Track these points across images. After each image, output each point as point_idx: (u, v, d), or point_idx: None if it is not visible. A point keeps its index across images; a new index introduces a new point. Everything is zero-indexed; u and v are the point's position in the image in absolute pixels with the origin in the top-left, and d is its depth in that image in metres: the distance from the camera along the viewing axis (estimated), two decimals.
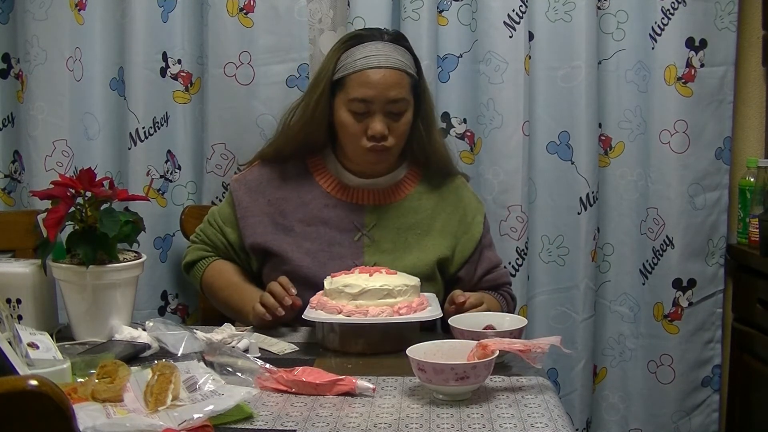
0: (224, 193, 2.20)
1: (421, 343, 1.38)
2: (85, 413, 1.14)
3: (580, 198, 2.25)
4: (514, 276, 2.21)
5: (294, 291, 1.68)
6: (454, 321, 1.55)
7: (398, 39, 1.85)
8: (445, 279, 1.89)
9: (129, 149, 2.21)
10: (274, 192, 1.87)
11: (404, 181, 1.90)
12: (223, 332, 1.60)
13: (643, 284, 2.32)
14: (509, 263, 2.22)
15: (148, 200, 2.13)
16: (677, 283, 2.28)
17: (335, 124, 1.82)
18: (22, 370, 1.23)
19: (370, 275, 1.60)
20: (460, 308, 1.67)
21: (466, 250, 1.87)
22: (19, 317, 1.63)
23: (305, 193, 1.86)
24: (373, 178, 1.87)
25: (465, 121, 2.27)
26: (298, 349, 1.59)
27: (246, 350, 1.53)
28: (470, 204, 1.92)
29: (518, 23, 2.18)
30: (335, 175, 1.88)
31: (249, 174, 1.92)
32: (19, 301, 1.64)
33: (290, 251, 1.81)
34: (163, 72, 2.23)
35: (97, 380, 1.23)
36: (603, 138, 2.30)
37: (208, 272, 1.91)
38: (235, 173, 2.07)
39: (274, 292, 1.68)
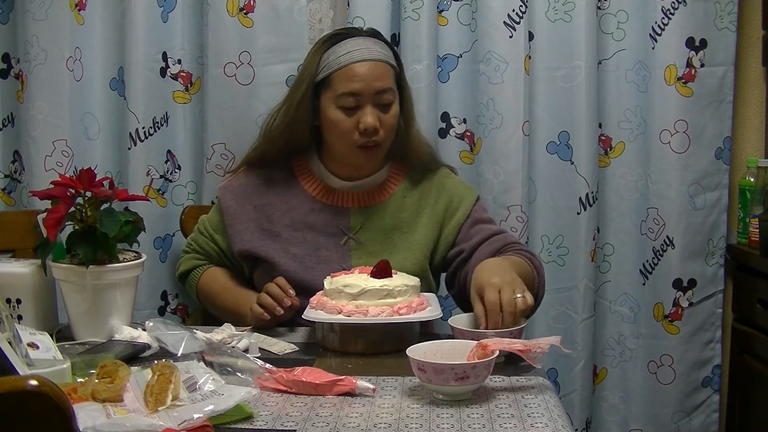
0: None
1: (421, 343, 1.38)
2: (85, 413, 1.13)
3: (580, 198, 2.25)
4: None
5: (292, 292, 1.69)
6: (454, 321, 1.55)
7: (376, 34, 1.87)
8: (435, 269, 1.88)
9: (129, 149, 2.21)
10: (260, 198, 1.88)
11: (388, 181, 1.90)
12: (223, 332, 1.60)
13: (644, 284, 2.32)
14: None
15: (148, 200, 2.14)
16: (677, 284, 2.28)
17: (323, 126, 1.83)
18: (22, 370, 1.24)
19: (370, 275, 1.60)
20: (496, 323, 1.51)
21: (450, 235, 1.86)
22: (19, 317, 1.63)
23: (291, 197, 1.87)
24: (357, 181, 1.87)
25: (465, 121, 2.27)
26: (298, 349, 1.59)
27: (246, 350, 1.53)
28: (456, 190, 1.90)
29: (518, 23, 2.18)
30: (320, 179, 1.88)
31: (235, 181, 1.92)
32: (19, 301, 1.64)
33: (277, 257, 1.82)
34: (163, 72, 2.23)
35: (97, 380, 1.23)
36: (603, 138, 2.29)
37: (202, 280, 1.92)
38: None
39: (272, 293, 1.69)
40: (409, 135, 1.88)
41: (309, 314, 1.57)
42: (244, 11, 2.20)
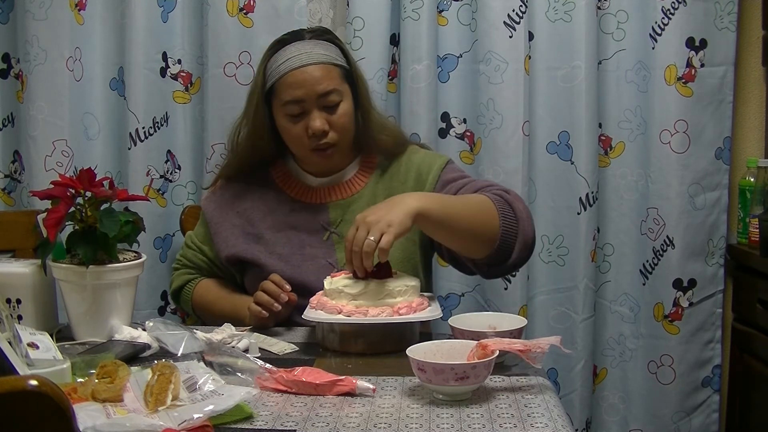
0: None
1: (421, 343, 1.38)
2: (85, 413, 1.13)
3: (580, 198, 2.25)
4: (514, 276, 2.21)
5: (288, 287, 1.69)
6: (454, 321, 1.54)
7: (321, 34, 1.84)
8: (429, 244, 1.86)
9: (129, 149, 2.21)
10: (241, 204, 1.89)
11: (360, 172, 1.89)
12: (223, 332, 1.60)
13: (644, 284, 2.32)
14: None
15: (148, 200, 2.14)
16: (677, 284, 2.28)
17: (280, 132, 1.83)
18: (22, 370, 1.23)
19: (370, 275, 1.60)
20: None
21: None
22: (19, 317, 1.63)
23: (270, 200, 1.88)
24: (332, 176, 1.88)
25: (465, 121, 2.27)
26: (298, 349, 1.59)
27: (246, 350, 1.53)
28: (424, 161, 1.87)
29: (518, 23, 2.18)
30: (297, 179, 1.89)
31: (217, 191, 1.94)
32: (19, 301, 1.64)
33: (263, 258, 1.82)
34: (163, 72, 2.23)
35: (97, 380, 1.23)
36: (603, 138, 2.30)
37: (196, 292, 1.93)
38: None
39: (268, 290, 1.69)
40: (369, 126, 1.86)
41: (309, 314, 1.57)
42: (244, 11, 2.20)
